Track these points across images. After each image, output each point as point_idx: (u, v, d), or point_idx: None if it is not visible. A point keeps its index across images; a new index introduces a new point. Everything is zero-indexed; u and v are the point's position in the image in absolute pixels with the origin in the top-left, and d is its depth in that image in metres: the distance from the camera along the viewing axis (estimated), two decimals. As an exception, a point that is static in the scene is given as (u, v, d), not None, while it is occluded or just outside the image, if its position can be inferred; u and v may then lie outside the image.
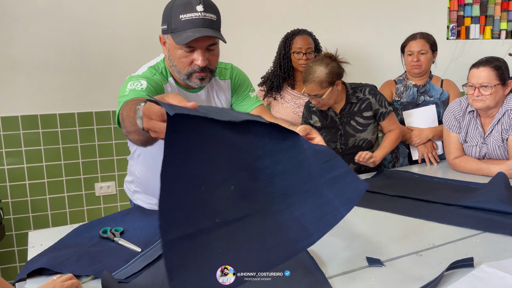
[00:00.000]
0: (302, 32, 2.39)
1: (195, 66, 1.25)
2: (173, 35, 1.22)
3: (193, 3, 1.20)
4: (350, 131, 2.00)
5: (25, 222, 2.56)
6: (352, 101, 2.00)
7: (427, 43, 2.25)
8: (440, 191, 1.67)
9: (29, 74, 2.49)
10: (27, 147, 2.52)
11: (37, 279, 1.02)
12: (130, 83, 1.23)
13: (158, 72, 1.33)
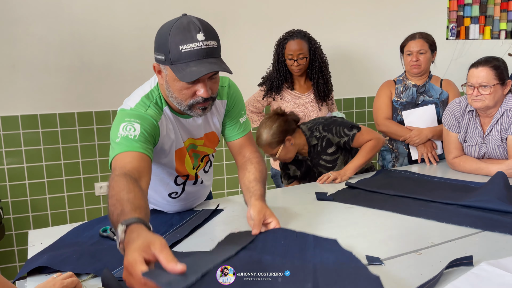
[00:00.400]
0: (295, 36, 2.33)
1: (198, 98, 1.18)
2: (173, 67, 1.13)
3: (192, 31, 1.11)
4: (323, 170, 1.98)
5: (25, 222, 2.57)
6: (312, 143, 1.97)
7: (426, 43, 2.25)
8: (440, 190, 1.67)
9: (29, 74, 2.50)
10: (27, 146, 2.53)
11: (37, 277, 1.02)
12: (123, 126, 1.17)
13: (152, 102, 1.25)
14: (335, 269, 0.98)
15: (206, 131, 1.40)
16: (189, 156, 1.40)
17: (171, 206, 1.50)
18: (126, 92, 2.80)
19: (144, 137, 1.16)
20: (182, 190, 1.45)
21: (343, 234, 1.24)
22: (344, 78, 3.06)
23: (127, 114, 1.21)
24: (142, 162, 1.12)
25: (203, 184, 1.52)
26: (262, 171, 1.38)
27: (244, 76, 2.35)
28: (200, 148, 1.42)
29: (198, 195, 1.54)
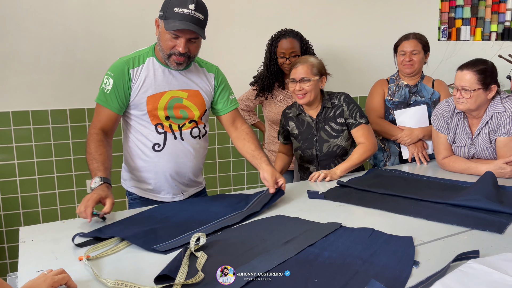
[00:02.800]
0: (287, 35, 2.34)
1: (175, 50, 1.52)
2: (164, 21, 1.48)
3: (188, 1, 1.45)
4: (324, 136, 2.00)
5: (15, 219, 2.55)
6: (327, 105, 2.01)
7: (420, 44, 2.27)
8: (429, 190, 1.69)
9: (21, 70, 2.48)
10: (18, 143, 2.51)
11: (29, 273, 1.02)
12: (105, 77, 1.58)
13: (139, 55, 1.60)
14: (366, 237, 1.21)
15: (190, 87, 1.65)
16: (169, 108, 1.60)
17: (158, 164, 1.63)
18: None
19: (114, 92, 1.55)
20: (164, 141, 1.61)
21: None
22: (336, 78, 3.06)
23: (113, 65, 1.59)
24: (109, 121, 1.58)
25: (186, 146, 1.64)
26: (257, 139, 1.74)
27: (235, 75, 2.36)
28: (186, 102, 1.62)
29: (183, 157, 1.65)
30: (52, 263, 1.08)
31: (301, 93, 1.95)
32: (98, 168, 1.44)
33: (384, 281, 0.93)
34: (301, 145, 2.06)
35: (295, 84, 1.95)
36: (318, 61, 2.00)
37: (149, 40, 2.64)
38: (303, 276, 0.98)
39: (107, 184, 1.41)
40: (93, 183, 1.40)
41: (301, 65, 1.95)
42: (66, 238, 1.24)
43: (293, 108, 2.10)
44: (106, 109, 1.55)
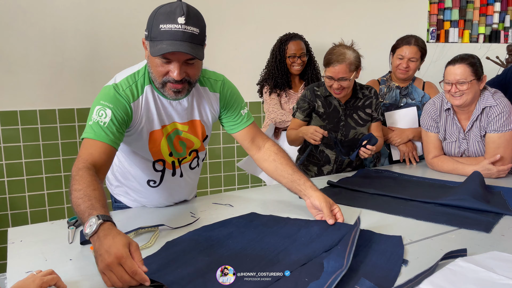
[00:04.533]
0: (294, 37, 2.54)
1: (169, 77, 1.23)
2: (150, 43, 1.20)
3: (176, 14, 1.16)
4: (352, 123, 2.04)
5: (3, 220, 2.52)
6: (358, 95, 2.05)
7: (419, 52, 2.26)
8: (418, 190, 1.71)
9: (9, 69, 2.45)
10: (5, 143, 2.48)
11: (17, 274, 1.01)
12: (97, 109, 1.24)
13: (135, 82, 1.30)
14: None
15: (192, 118, 1.41)
16: (171, 142, 1.40)
17: (150, 196, 1.49)
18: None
19: (114, 125, 1.24)
20: (160, 179, 1.46)
21: (324, 232, 1.26)
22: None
23: (104, 95, 1.27)
24: (104, 155, 1.22)
25: (184, 179, 1.51)
26: (290, 158, 1.49)
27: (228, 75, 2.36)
28: (185, 135, 1.42)
29: (178, 190, 1.53)
30: (41, 264, 1.07)
31: (339, 90, 1.93)
32: (91, 206, 1.03)
33: (373, 280, 0.94)
34: (325, 125, 2.03)
35: (332, 82, 1.92)
36: (355, 55, 1.92)
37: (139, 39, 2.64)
38: (293, 275, 0.99)
39: (110, 222, 1.00)
40: (87, 227, 0.98)
41: (340, 64, 1.88)
42: (55, 239, 1.23)
43: (322, 88, 2.05)
44: (102, 143, 1.21)
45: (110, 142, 1.22)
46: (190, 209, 1.51)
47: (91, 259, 1.10)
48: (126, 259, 0.90)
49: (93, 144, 1.21)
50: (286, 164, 1.45)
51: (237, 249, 1.13)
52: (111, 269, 0.90)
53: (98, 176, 1.16)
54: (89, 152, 1.19)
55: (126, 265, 0.89)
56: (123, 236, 0.95)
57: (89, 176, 1.11)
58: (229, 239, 1.19)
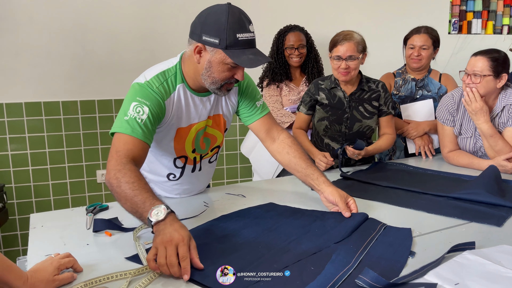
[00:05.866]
0: (293, 29, 2.46)
1: (232, 79, 1.31)
2: (228, 52, 1.22)
3: (245, 22, 1.24)
4: (357, 116, 2.00)
5: (28, 207, 2.62)
6: (364, 88, 2.01)
7: (430, 39, 2.24)
8: (432, 183, 1.70)
9: (33, 62, 2.53)
10: (30, 133, 2.57)
11: (37, 257, 1.06)
12: (133, 105, 1.25)
13: (165, 80, 1.34)
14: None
15: (214, 112, 1.47)
16: (197, 140, 1.45)
17: (169, 188, 1.54)
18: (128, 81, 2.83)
19: (150, 123, 1.26)
20: (180, 174, 1.50)
21: (333, 223, 1.27)
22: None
23: (139, 91, 1.29)
24: (142, 152, 1.24)
25: (202, 172, 1.55)
26: (303, 151, 1.51)
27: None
28: (209, 130, 1.47)
29: (196, 183, 1.58)
30: (60, 248, 1.12)
31: (346, 71, 1.91)
32: (152, 197, 1.08)
33: (378, 270, 0.95)
34: (329, 116, 2.00)
35: (340, 62, 1.90)
36: (361, 37, 1.95)
37: (156, 33, 2.68)
38: (299, 264, 1.01)
39: (175, 215, 1.07)
40: (153, 214, 1.03)
41: (348, 42, 1.88)
42: (74, 224, 1.29)
43: (327, 81, 2.04)
44: (139, 140, 1.23)
45: (146, 140, 1.25)
46: (204, 198, 1.55)
47: (107, 244, 1.15)
48: (185, 245, 0.96)
49: (131, 141, 1.22)
50: (299, 157, 1.47)
51: (250, 237, 1.16)
52: (166, 246, 0.95)
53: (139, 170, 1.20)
54: (128, 147, 1.21)
55: (181, 248, 0.95)
56: (187, 230, 1.02)
57: (136, 171, 1.15)
58: (244, 229, 1.22)
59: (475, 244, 1.10)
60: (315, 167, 1.45)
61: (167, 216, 1.03)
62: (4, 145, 2.53)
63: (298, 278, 0.95)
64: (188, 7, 2.72)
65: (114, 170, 1.14)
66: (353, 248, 1.09)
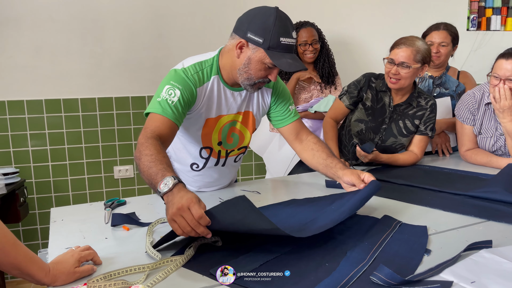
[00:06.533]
0: (305, 25, 2.47)
1: (266, 79, 1.38)
2: (269, 52, 1.29)
3: (289, 28, 1.30)
4: (394, 130, 1.90)
5: (47, 202, 2.68)
6: (412, 102, 1.89)
7: (450, 36, 2.21)
8: (449, 181, 1.69)
9: (53, 60, 2.59)
10: (50, 130, 2.63)
11: (58, 249, 1.09)
12: (166, 88, 1.33)
13: (201, 69, 1.40)
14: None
15: (245, 108, 1.52)
16: (225, 133, 1.49)
17: (190, 178, 1.57)
18: (145, 78, 2.88)
19: (180, 105, 1.33)
20: (203, 165, 1.54)
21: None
22: (359, 67, 3.05)
23: (174, 76, 1.36)
24: (169, 131, 1.31)
25: (225, 169, 1.58)
26: (327, 147, 1.58)
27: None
28: (239, 126, 1.51)
29: (218, 178, 1.60)
30: (79, 241, 1.15)
31: (396, 78, 1.79)
32: (164, 169, 1.11)
33: (393, 267, 0.95)
34: (368, 121, 1.91)
35: (391, 66, 1.79)
36: (425, 47, 1.79)
37: (172, 31, 2.70)
38: (315, 260, 1.01)
39: (183, 184, 1.09)
40: (162, 185, 1.06)
41: (406, 47, 1.76)
42: (93, 219, 1.32)
43: (379, 81, 1.91)
44: (168, 119, 1.30)
45: (175, 120, 1.32)
46: (219, 194, 1.56)
47: (125, 238, 1.18)
48: (195, 204, 0.98)
49: (160, 119, 1.30)
50: (322, 151, 1.53)
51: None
52: (181, 213, 0.97)
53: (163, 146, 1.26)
54: (156, 125, 1.28)
55: (193, 209, 0.97)
56: (193, 194, 1.04)
57: (158, 145, 1.20)
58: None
59: (492, 243, 1.08)
60: (335, 157, 1.51)
61: (174, 186, 1.05)
62: (25, 141, 2.59)
63: (313, 274, 0.96)
64: (205, 5, 2.74)
65: (139, 144, 1.22)
66: (368, 245, 1.09)
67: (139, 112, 2.75)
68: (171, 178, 1.06)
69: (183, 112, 1.34)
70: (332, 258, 1.03)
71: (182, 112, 1.34)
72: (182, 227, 0.98)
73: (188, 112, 1.40)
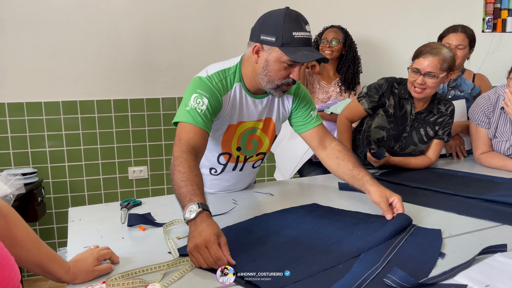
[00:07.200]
0: (333, 26, 2.55)
1: (289, 79, 1.34)
2: (283, 49, 1.27)
3: (302, 23, 1.28)
4: (415, 138, 1.88)
5: (64, 201, 2.73)
6: (432, 110, 1.87)
7: (467, 38, 2.19)
8: (463, 184, 1.68)
9: (69, 62, 2.64)
10: (67, 131, 2.68)
11: (77, 248, 1.12)
12: (194, 97, 1.33)
13: (225, 77, 1.40)
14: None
15: (266, 115, 1.51)
16: (244, 139, 1.49)
17: (209, 182, 1.58)
18: (159, 81, 2.91)
19: (209, 113, 1.33)
20: (222, 169, 1.54)
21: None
22: (374, 69, 3.05)
23: (200, 84, 1.36)
24: (202, 140, 1.31)
25: (243, 174, 1.59)
26: (353, 156, 1.50)
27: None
28: (259, 133, 1.51)
29: (235, 182, 1.61)
30: (97, 241, 1.18)
31: (422, 87, 1.75)
32: (193, 192, 1.11)
33: (407, 270, 0.96)
34: (390, 129, 1.87)
35: (417, 76, 1.74)
36: (451, 54, 1.73)
37: (186, 34, 2.73)
38: (329, 262, 1.02)
39: (208, 212, 1.07)
40: (188, 213, 1.06)
41: (432, 56, 1.70)
42: (109, 219, 1.35)
43: (401, 87, 1.87)
44: (200, 128, 1.30)
45: (206, 129, 1.32)
46: (233, 196, 1.58)
47: (141, 238, 1.20)
48: (213, 244, 0.97)
49: (192, 129, 1.29)
50: (347, 160, 1.47)
51: (291, 237, 1.16)
52: (198, 250, 0.97)
53: (197, 160, 1.25)
54: (190, 136, 1.28)
55: (211, 249, 0.96)
56: (216, 227, 1.03)
57: (192, 161, 1.20)
58: (285, 229, 1.22)
59: (506, 247, 1.08)
60: (361, 168, 1.44)
61: (197, 215, 1.04)
62: (42, 142, 2.64)
63: (327, 275, 0.97)
64: (218, 8, 2.76)
65: (174, 158, 1.22)
66: (382, 248, 1.10)
67: (153, 114, 2.78)
68: (196, 205, 1.06)
69: (211, 119, 1.35)
70: (346, 260, 1.04)
71: (211, 119, 1.34)
72: (199, 263, 0.98)
73: (215, 119, 1.40)
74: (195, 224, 1.03)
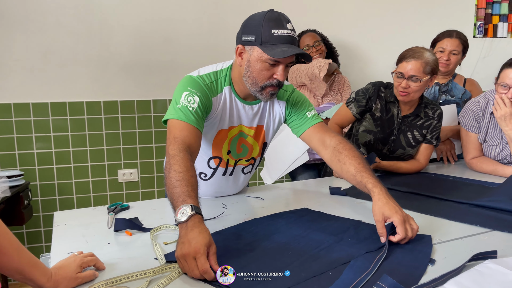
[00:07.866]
0: (306, 32, 2.55)
1: (273, 80, 1.31)
2: (263, 47, 1.25)
3: (283, 21, 1.26)
4: (403, 142, 1.90)
5: (51, 204, 2.69)
6: (419, 113, 1.89)
7: (461, 44, 2.20)
8: (454, 190, 1.68)
9: (60, 63, 2.60)
10: (55, 132, 2.64)
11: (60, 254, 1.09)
12: (185, 94, 1.30)
13: (216, 79, 1.38)
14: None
15: (257, 123, 1.48)
16: (234, 143, 1.47)
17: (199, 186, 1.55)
18: (150, 82, 2.89)
19: (200, 111, 1.31)
20: (212, 174, 1.52)
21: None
22: (366, 74, 3.05)
23: (191, 82, 1.34)
24: (197, 139, 1.28)
25: (233, 179, 1.56)
26: (353, 153, 1.37)
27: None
28: (250, 139, 1.49)
29: (225, 187, 1.58)
30: (82, 246, 1.15)
31: (406, 91, 1.77)
32: (187, 193, 1.07)
33: (397, 277, 0.94)
34: (377, 132, 1.89)
35: (401, 80, 1.76)
36: (433, 58, 1.76)
37: (178, 35, 2.71)
38: (319, 268, 1.01)
39: (200, 216, 1.04)
40: (179, 214, 1.02)
41: (415, 60, 1.73)
42: (96, 223, 1.32)
43: (388, 91, 1.89)
44: (192, 126, 1.27)
45: (199, 127, 1.29)
46: (222, 200, 1.56)
47: (127, 244, 1.18)
48: (201, 256, 0.94)
49: (186, 127, 1.26)
50: (349, 163, 1.35)
51: (281, 243, 1.15)
52: (185, 259, 0.95)
53: (192, 160, 1.22)
54: (184, 134, 1.24)
55: (199, 260, 0.93)
56: (208, 235, 0.99)
57: (188, 161, 1.17)
58: (275, 234, 1.21)
59: (497, 253, 1.07)
60: (363, 170, 1.31)
61: (189, 218, 1.01)
62: (30, 144, 2.60)
63: (316, 282, 0.95)
64: (211, 10, 2.75)
65: (170, 156, 1.18)
66: (372, 254, 1.09)
67: (144, 116, 2.75)
68: (189, 207, 1.03)
69: (203, 118, 1.32)
70: (336, 266, 1.02)
71: (203, 118, 1.32)
72: (186, 271, 0.96)
73: (205, 119, 1.37)
74: (186, 228, 1.00)
